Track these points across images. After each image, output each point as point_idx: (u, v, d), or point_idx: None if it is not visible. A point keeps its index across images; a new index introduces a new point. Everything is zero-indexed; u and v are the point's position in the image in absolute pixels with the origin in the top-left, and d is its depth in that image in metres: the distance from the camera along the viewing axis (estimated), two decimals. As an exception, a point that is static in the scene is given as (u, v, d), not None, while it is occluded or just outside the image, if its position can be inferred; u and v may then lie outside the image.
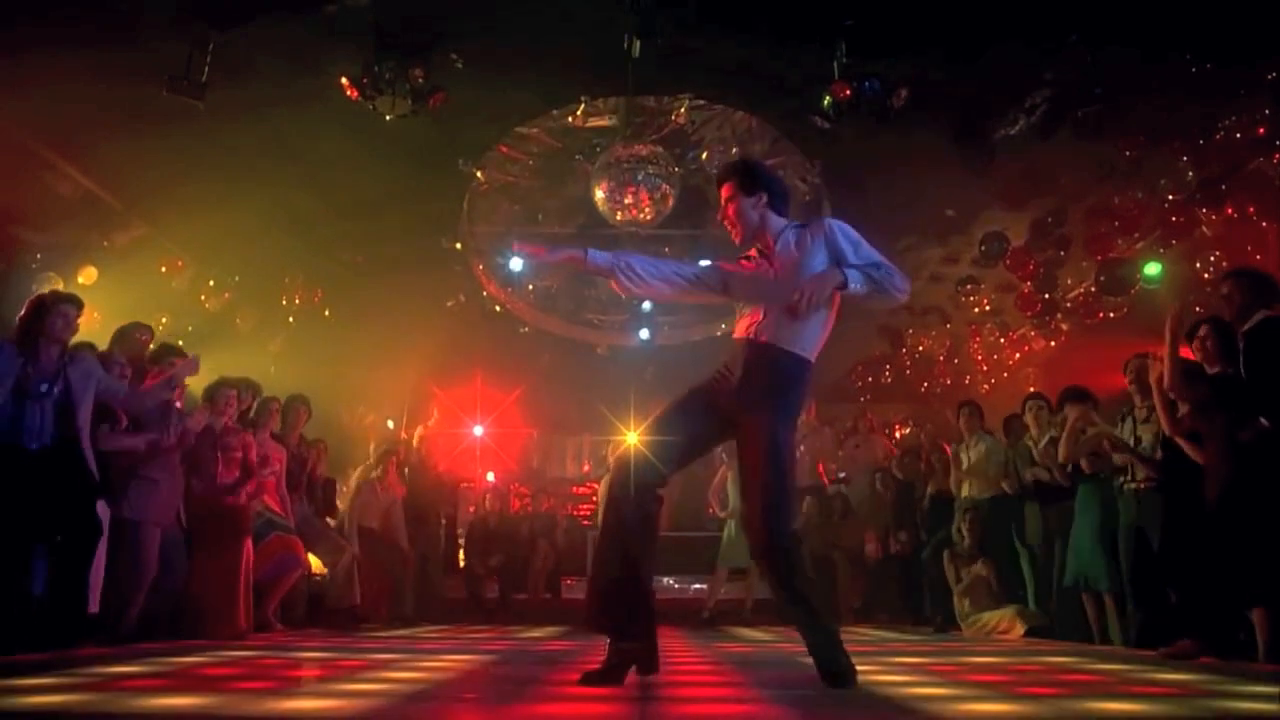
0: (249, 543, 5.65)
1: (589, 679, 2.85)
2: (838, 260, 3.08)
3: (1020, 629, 6.17)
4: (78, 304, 4.51)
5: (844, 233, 3.14)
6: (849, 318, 3.30)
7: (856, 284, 3.03)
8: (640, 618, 2.96)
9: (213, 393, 5.71)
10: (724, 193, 3.26)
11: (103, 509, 4.59)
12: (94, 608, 4.60)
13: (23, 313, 4.40)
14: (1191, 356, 4.49)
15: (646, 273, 3.18)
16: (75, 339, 4.56)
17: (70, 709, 2.28)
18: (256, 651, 4.18)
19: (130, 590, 4.75)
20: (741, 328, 3.14)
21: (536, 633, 6.47)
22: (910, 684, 2.97)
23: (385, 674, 3.18)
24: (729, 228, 3.29)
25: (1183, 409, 4.48)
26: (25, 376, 4.20)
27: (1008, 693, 2.83)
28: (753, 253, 3.23)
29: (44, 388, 4.23)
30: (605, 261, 3.15)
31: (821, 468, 9.12)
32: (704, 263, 3.46)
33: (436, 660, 3.87)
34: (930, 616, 7.27)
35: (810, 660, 2.86)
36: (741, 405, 3.00)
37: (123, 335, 5.45)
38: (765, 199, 3.22)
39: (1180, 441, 4.49)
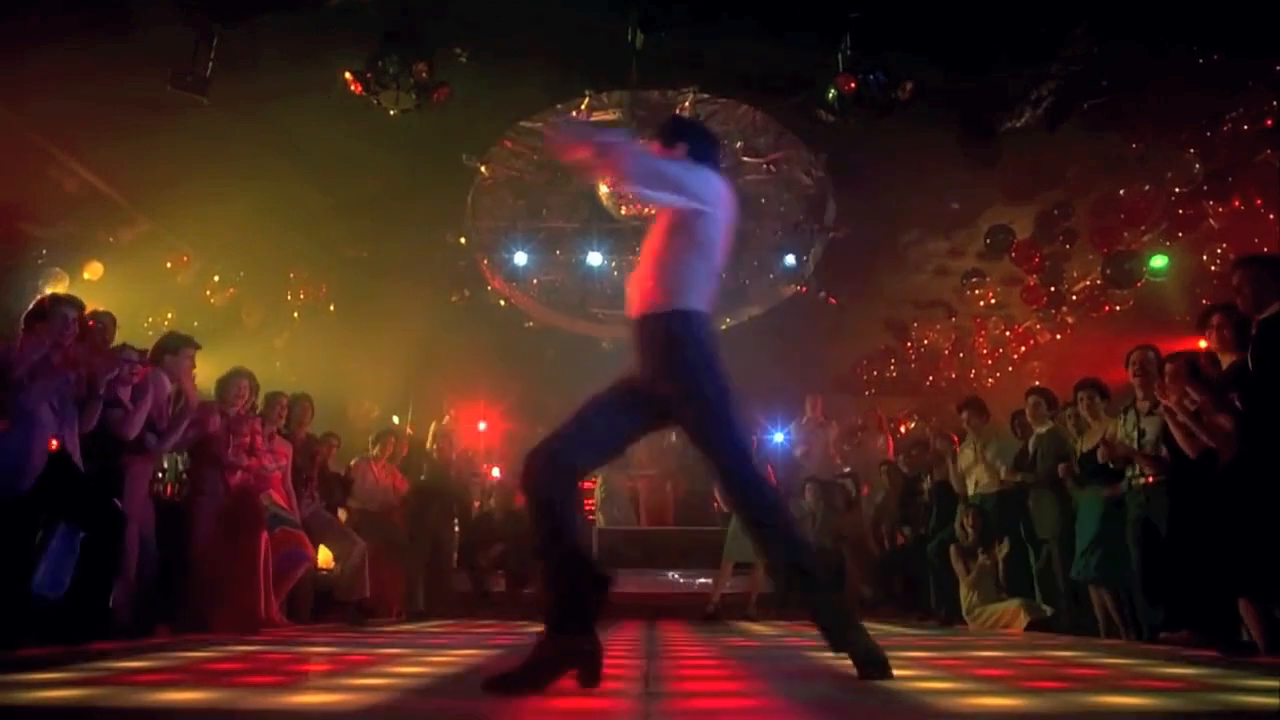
0: (265, 534, 5.69)
1: (502, 684, 2.45)
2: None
3: (1024, 621, 6.17)
4: (78, 306, 4.56)
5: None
6: (854, 313, 3.28)
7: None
8: (590, 613, 2.60)
9: (225, 384, 5.82)
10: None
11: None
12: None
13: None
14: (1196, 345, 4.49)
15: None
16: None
17: (77, 704, 2.29)
18: (263, 646, 4.20)
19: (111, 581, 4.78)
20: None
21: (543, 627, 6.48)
22: (915, 678, 2.97)
23: (391, 668, 3.20)
24: None
25: (1193, 403, 4.47)
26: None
27: (1012, 686, 2.83)
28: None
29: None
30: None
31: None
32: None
33: (443, 655, 3.88)
34: (935, 610, 7.27)
35: (820, 656, 2.85)
36: (661, 395, 2.75)
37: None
38: (686, 149, 3.02)
39: (1178, 435, 4.48)
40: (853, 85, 7.26)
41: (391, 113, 7.49)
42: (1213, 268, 9.39)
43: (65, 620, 4.17)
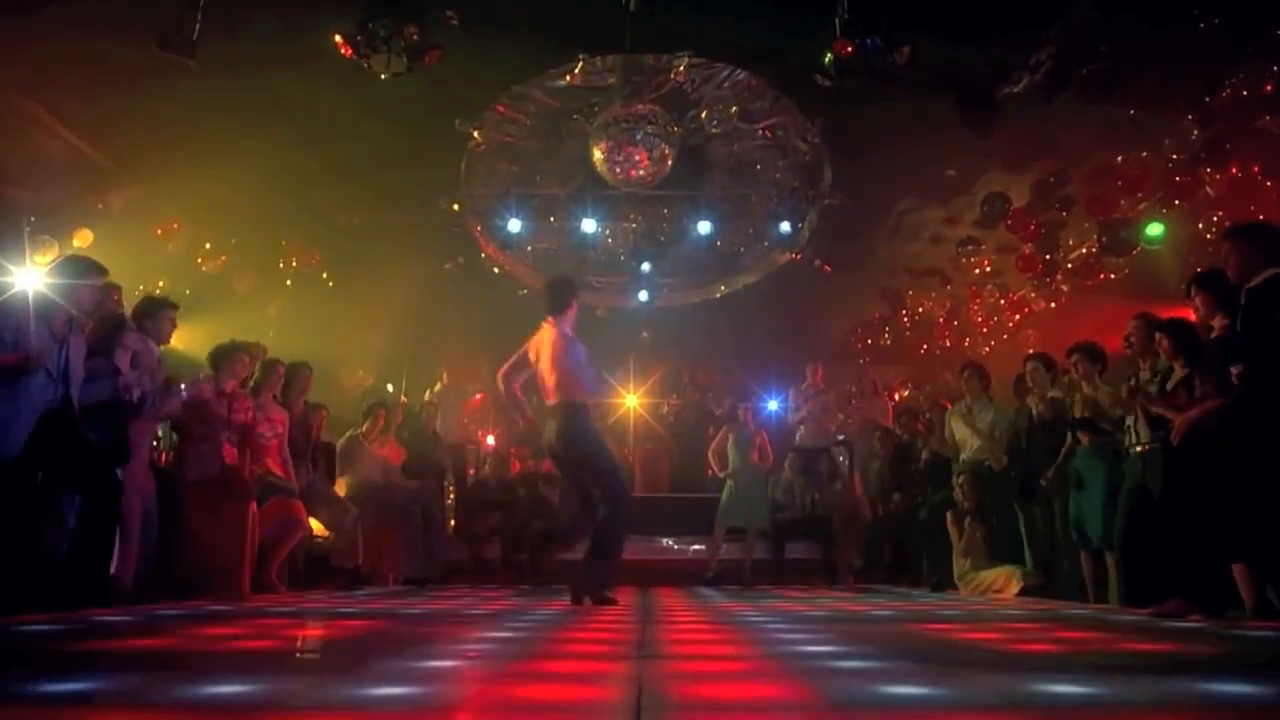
0: (253, 506, 5.67)
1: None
2: None
3: (1016, 587, 6.23)
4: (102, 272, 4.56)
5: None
6: (849, 281, 3.27)
7: None
8: None
9: (221, 357, 5.70)
10: None
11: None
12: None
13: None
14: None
15: None
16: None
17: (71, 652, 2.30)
18: (259, 612, 4.22)
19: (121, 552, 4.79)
20: None
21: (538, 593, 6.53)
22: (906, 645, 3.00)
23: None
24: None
25: (1179, 371, 4.50)
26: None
27: (1003, 650, 2.87)
28: None
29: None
30: None
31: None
32: None
33: (437, 622, 3.90)
34: (927, 576, 7.33)
35: (812, 620, 2.87)
36: None
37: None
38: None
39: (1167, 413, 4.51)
40: (849, 50, 7.18)
41: (383, 76, 7.39)
42: (1209, 235, 9.35)
43: (65, 587, 4.18)
